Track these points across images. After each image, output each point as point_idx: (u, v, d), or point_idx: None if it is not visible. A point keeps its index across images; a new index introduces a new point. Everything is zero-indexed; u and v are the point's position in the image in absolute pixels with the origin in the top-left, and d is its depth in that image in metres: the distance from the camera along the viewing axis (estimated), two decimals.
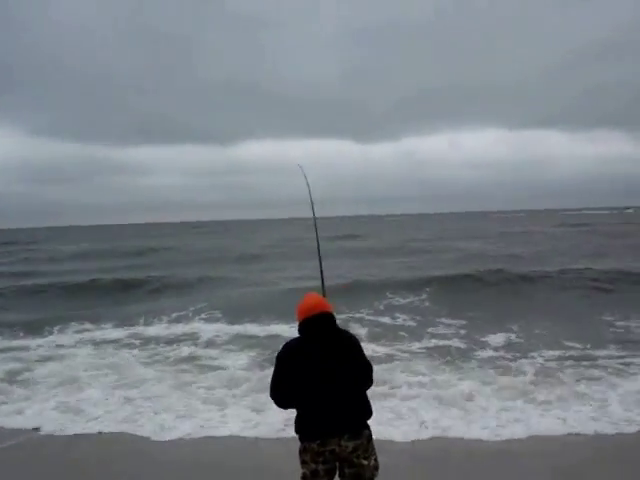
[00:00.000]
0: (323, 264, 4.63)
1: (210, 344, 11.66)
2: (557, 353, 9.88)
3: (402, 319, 13.60)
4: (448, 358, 9.79)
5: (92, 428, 7.04)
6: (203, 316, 14.73)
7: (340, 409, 3.52)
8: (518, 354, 9.96)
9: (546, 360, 9.47)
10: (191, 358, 10.42)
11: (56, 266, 31.15)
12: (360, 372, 3.64)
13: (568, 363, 9.19)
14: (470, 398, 7.54)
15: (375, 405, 3.82)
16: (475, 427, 6.63)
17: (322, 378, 3.54)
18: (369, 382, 3.70)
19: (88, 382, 8.86)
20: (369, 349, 10.51)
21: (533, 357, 9.70)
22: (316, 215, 5.08)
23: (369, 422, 3.67)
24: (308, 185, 5.15)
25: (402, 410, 7.14)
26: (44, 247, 52.68)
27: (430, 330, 12.27)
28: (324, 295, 4.08)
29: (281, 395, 3.64)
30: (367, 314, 14.18)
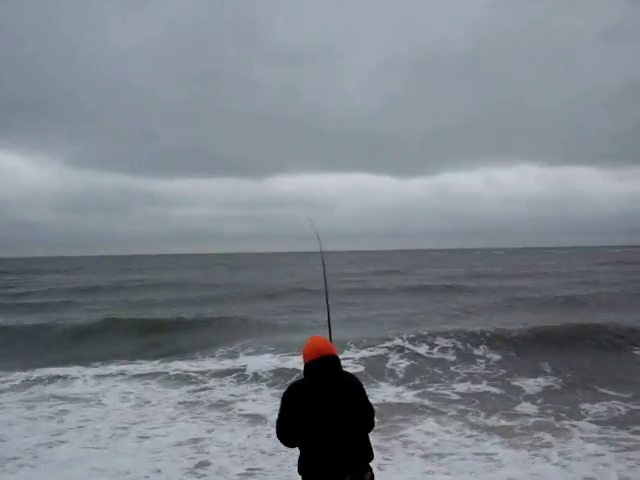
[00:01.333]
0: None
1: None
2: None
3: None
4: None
5: None
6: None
7: (342, 451, 3.72)
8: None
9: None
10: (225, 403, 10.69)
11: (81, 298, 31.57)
12: (361, 415, 3.84)
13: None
14: None
15: None
16: None
17: (324, 420, 3.73)
18: (370, 425, 3.91)
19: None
20: None
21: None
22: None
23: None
24: (319, 238, 5.36)
25: None
26: (72, 277, 53.89)
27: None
28: (330, 338, 4.28)
29: (286, 435, 3.85)
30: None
